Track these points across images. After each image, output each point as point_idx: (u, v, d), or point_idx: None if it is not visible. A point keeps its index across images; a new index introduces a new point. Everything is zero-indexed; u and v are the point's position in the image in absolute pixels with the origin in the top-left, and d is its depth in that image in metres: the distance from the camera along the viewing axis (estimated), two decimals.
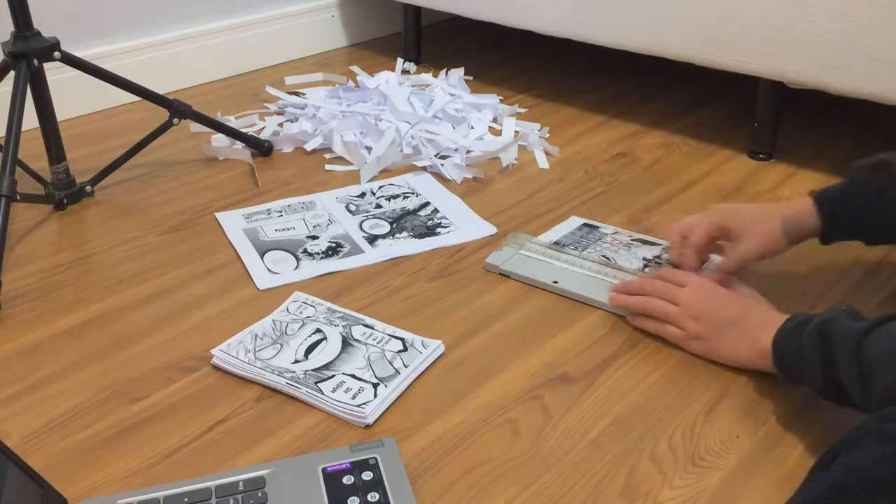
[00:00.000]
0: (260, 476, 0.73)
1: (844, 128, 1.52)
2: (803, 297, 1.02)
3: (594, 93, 1.72)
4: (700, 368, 0.89)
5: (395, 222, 1.19)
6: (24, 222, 1.21)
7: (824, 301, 1.01)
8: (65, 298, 1.03)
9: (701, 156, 1.42)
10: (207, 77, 1.79)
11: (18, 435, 0.81)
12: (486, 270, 1.08)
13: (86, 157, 1.40)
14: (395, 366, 0.88)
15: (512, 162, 1.38)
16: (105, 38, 1.62)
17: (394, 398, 0.85)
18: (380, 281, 1.06)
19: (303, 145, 1.46)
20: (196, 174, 1.36)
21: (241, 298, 1.03)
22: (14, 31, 1.16)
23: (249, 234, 1.17)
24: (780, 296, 1.02)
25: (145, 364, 0.91)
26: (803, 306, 0.99)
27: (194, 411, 0.84)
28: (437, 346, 0.92)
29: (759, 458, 0.78)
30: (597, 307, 1.00)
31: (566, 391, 0.87)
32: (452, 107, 1.53)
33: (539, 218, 1.21)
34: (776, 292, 1.03)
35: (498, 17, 1.60)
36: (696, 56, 1.36)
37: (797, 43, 1.24)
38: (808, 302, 1.01)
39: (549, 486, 0.75)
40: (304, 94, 1.65)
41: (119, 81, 1.27)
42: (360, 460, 0.74)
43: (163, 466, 0.77)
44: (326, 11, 1.98)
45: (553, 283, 1.03)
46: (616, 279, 1.02)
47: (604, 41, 1.47)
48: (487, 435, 0.81)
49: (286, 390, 0.85)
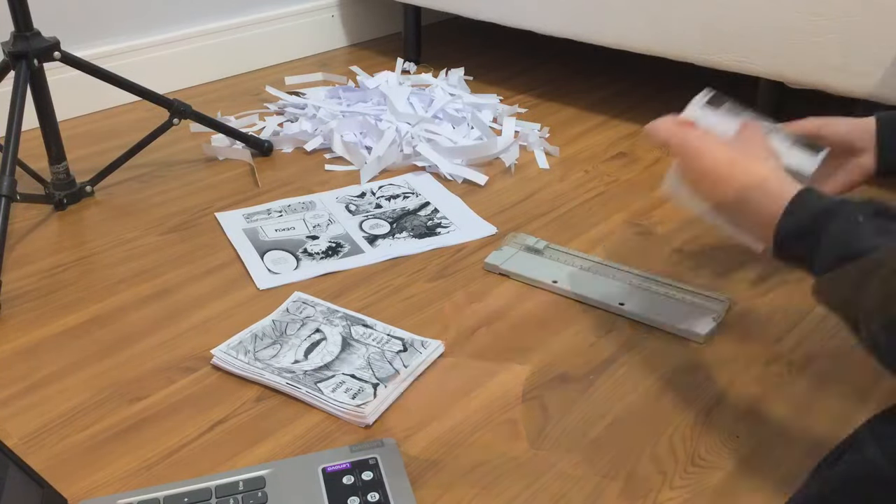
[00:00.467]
0: (260, 476, 0.73)
1: None
2: (804, 296, 1.01)
3: (594, 93, 1.72)
4: (700, 368, 0.90)
5: (395, 222, 1.19)
6: (24, 222, 1.21)
7: None
8: (65, 298, 1.03)
9: None
10: (207, 77, 1.79)
11: (18, 435, 0.81)
12: (486, 271, 1.08)
13: (86, 157, 1.40)
14: (395, 366, 0.88)
15: (513, 162, 1.38)
16: (105, 38, 1.62)
17: (393, 398, 0.85)
18: (380, 281, 1.06)
19: (303, 145, 1.46)
20: (196, 174, 1.36)
21: (241, 298, 1.03)
22: (14, 31, 1.16)
23: (249, 234, 1.17)
24: (780, 295, 1.02)
25: (145, 364, 0.91)
26: (804, 306, 0.99)
27: (194, 411, 0.84)
28: (436, 346, 0.92)
29: (759, 458, 0.78)
30: (596, 307, 1.00)
31: (566, 391, 0.87)
32: (452, 107, 1.53)
33: (539, 218, 1.21)
34: (776, 291, 1.03)
35: (498, 17, 1.60)
36: (696, 56, 1.36)
37: (797, 43, 1.24)
38: (808, 301, 1.00)
39: (549, 486, 0.75)
40: (304, 94, 1.65)
41: (119, 81, 1.27)
42: (360, 460, 0.74)
43: (163, 466, 0.77)
44: (326, 11, 1.98)
45: (552, 282, 1.03)
46: (615, 279, 1.02)
47: (604, 41, 1.47)
48: (487, 435, 0.81)
49: (286, 390, 0.85)
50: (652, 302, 0.99)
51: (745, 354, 0.92)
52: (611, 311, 0.99)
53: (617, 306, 0.98)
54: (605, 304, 0.99)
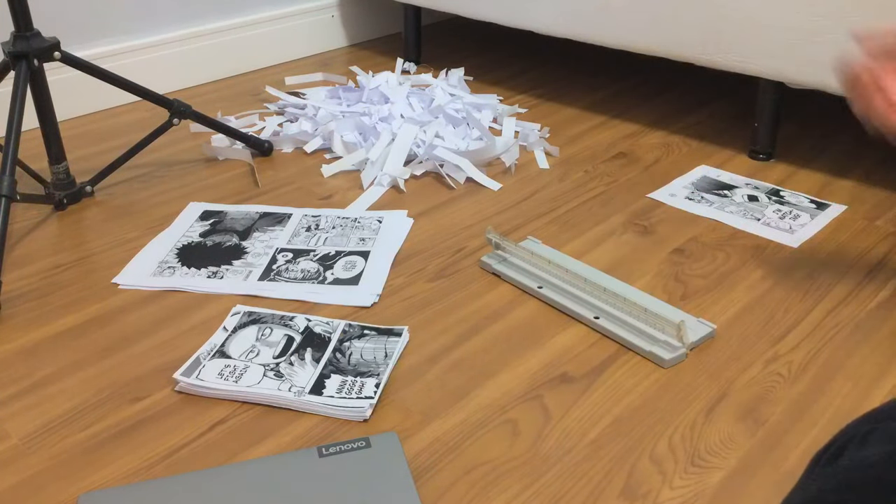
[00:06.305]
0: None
1: (844, 128, 1.52)
2: (804, 296, 1.02)
3: (594, 93, 1.72)
4: (700, 368, 0.90)
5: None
6: (24, 222, 1.21)
7: (825, 301, 1.01)
8: (65, 298, 1.03)
9: (701, 156, 1.42)
10: (207, 77, 1.79)
11: (18, 435, 0.81)
12: (487, 271, 1.08)
13: (86, 157, 1.40)
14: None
15: (513, 162, 1.38)
16: (105, 38, 1.62)
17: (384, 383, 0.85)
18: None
19: (303, 145, 1.46)
20: (196, 174, 1.36)
21: (240, 299, 1.03)
22: (14, 31, 1.16)
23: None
24: (780, 295, 1.02)
25: (145, 364, 0.91)
26: (803, 306, 0.99)
27: (194, 411, 0.84)
28: (403, 330, 0.94)
29: (759, 458, 0.78)
30: (577, 319, 0.98)
31: (566, 391, 0.87)
32: (452, 107, 1.53)
33: (539, 218, 1.21)
34: (776, 291, 1.03)
35: (498, 17, 1.60)
36: (696, 56, 1.36)
37: (797, 43, 1.24)
38: (808, 301, 1.01)
39: (549, 486, 0.75)
40: (304, 94, 1.65)
41: (119, 81, 1.27)
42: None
43: (163, 466, 0.77)
44: (326, 11, 1.98)
45: (538, 288, 1.02)
46: (591, 295, 1.00)
47: (604, 41, 1.47)
48: (487, 435, 0.81)
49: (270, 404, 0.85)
50: (622, 324, 0.96)
51: (745, 354, 0.92)
52: (588, 326, 0.97)
53: (592, 319, 0.97)
54: (581, 316, 0.98)
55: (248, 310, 0.99)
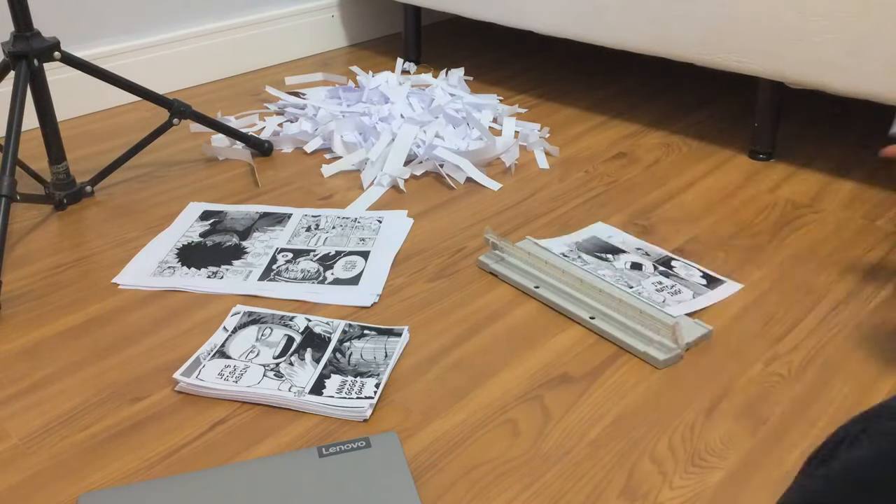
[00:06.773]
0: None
1: (844, 128, 1.52)
2: (804, 296, 1.02)
3: (594, 93, 1.72)
4: (700, 368, 0.90)
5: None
6: (24, 222, 1.21)
7: (825, 301, 1.01)
8: (65, 298, 1.03)
9: (701, 156, 1.42)
10: (207, 77, 1.79)
11: (18, 435, 0.81)
12: (487, 272, 1.08)
13: (86, 157, 1.40)
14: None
15: (513, 162, 1.38)
16: (105, 38, 1.62)
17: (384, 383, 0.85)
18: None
19: (303, 146, 1.46)
20: (196, 174, 1.36)
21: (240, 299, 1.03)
22: (14, 32, 1.16)
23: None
24: (781, 295, 1.02)
25: (145, 364, 0.91)
26: (804, 306, 1.00)
27: (194, 411, 0.84)
28: (403, 330, 0.94)
29: (759, 458, 0.78)
30: (573, 320, 0.98)
31: (566, 391, 0.87)
32: (452, 107, 1.53)
33: (539, 218, 1.21)
34: (776, 291, 1.03)
35: (498, 17, 1.60)
36: (696, 56, 1.36)
37: (797, 43, 1.24)
38: (808, 301, 1.01)
39: (549, 486, 0.75)
40: (304, 94, 1.65)
41: (119, 81, 1.27)
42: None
43: (163, 466, 0.77)
44: (326, 11, 1.98)
45: (535, 288, 1.02)
46: (586, 295, 1.00)
47: (604, 41, 1.47)
48: (487, 435, 0.81)
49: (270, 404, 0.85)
50: (617, 325, 0.96)
51: (746, 354, 0.92)
52: (586, 327, 0.97)
53: (587, 320, 0.97)
54: (577, 317, 0.98)
55: (248, 310, 0.99)
